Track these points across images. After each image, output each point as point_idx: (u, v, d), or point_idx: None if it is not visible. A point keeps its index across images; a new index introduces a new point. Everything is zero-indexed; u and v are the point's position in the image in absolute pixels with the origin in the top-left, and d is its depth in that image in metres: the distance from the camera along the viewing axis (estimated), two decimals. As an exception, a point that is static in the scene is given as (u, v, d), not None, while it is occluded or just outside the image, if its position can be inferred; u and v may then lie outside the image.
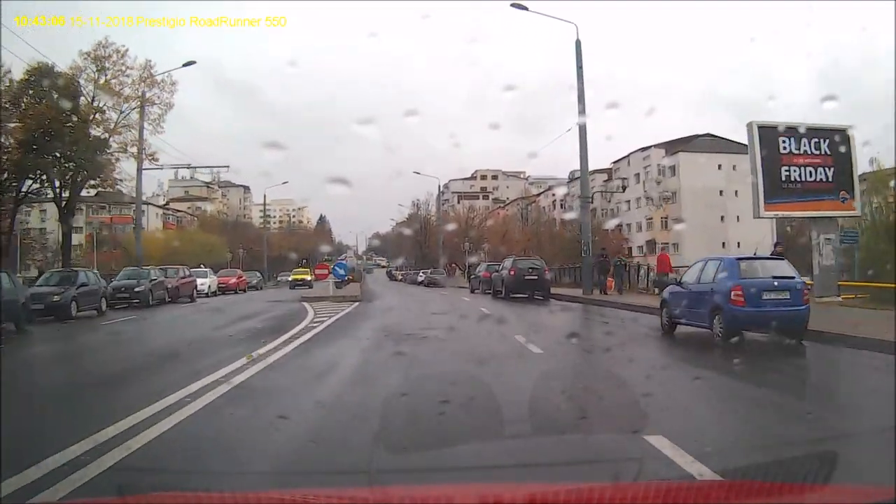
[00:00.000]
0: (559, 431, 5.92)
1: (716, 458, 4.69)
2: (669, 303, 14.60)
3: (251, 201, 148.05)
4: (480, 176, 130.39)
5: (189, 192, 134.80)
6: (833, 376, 10.18)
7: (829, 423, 6.48)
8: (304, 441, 5.83)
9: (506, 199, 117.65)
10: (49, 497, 4.24)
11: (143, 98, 32.05)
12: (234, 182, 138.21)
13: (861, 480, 3.64)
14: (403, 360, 10.75)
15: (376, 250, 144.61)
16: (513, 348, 11.98)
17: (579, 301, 26.55)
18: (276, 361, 10.48)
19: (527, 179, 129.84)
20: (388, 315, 21.60)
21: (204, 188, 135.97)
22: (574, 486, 2.65)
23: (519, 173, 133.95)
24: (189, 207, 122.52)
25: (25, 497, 4.27)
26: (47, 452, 5.04)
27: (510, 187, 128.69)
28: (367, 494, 3.26)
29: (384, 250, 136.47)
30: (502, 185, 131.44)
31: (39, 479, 4.59)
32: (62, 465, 4.86)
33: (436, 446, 5.49)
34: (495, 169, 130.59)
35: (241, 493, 3.25)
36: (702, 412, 7.12)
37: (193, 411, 6.83)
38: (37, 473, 4.67)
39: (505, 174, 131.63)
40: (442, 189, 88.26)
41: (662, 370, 9.98)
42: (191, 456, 5.60)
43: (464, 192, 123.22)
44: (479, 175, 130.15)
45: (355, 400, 7.62)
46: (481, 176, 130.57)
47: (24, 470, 4.67)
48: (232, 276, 44.40)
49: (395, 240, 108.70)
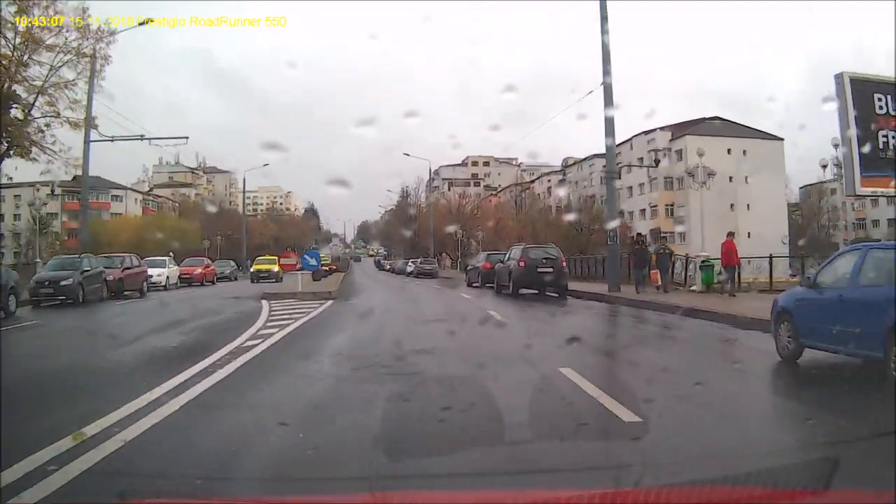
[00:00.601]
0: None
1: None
2: (797, 315, 9.33)
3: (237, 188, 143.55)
4: (472, 162, 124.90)
5: (173, 178, 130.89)
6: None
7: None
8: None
9: (498, 186, 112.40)
10: (50, 497, 4.03)
11: (94, 54, 26.32)
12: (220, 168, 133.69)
13: (861, 486, 3.20)
14: (372, 449, 5.14)
15: (365, 239, 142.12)
16: (578, 406, 6.56)
17: (607, 300, 21.03)
18: (114, 453, 4.95)
19: (519, 166, 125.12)
20: (365, 324, 15.86)
21: (189, 174, 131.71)
22: (575, 491, 2.63)
23: (511, 160, 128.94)
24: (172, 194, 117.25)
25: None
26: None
27: (502, 174, 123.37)
28: (368, 499, 3.28)
29: (373, 239, 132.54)
30: (494, 172, 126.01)
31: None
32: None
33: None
34: (487, 155, 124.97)
35: (242, 498, 3.33)
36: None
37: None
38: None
39: (497, 160, 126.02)
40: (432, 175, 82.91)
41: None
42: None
43: (455, 179, 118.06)
44: (470, 161, 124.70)
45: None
46: (472, 162, 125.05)
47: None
48: (197, 266, 38.52)
49: (384, 228, 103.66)
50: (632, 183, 73.64)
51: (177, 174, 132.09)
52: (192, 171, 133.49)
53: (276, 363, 9.63)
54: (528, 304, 20.95)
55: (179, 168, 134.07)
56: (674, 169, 69.22)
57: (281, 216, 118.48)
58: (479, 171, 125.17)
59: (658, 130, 69.84)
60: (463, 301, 23.24)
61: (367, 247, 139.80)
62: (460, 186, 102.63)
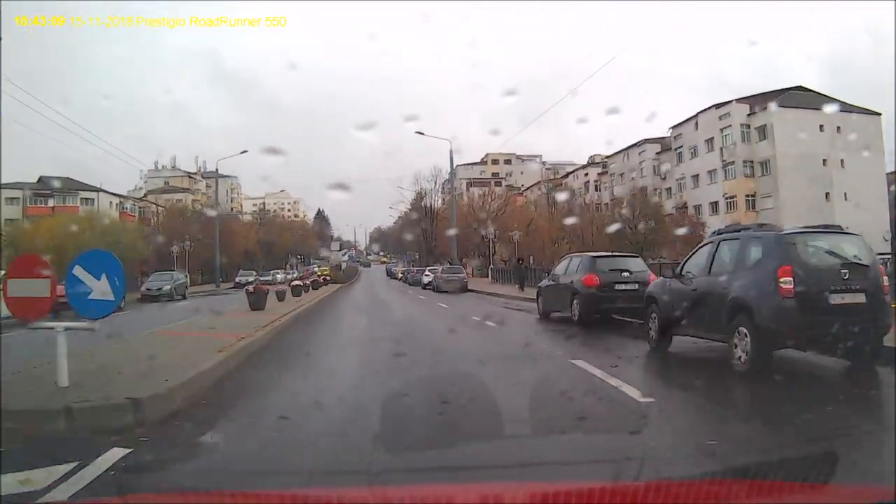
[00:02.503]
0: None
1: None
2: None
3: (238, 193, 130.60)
4: (492, 160, 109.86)
5: (169, 182, 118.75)
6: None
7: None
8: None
9: (521, 187, 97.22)
10: (51, 497, 3.92)
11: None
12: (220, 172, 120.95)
13: (861, 479, 3.37)
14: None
15: (378, 245, 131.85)
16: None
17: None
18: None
19: (544, 164, 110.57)
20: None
21: (186, 178, 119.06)
22: (575, 485, 2.56)
23: (535, 157, 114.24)
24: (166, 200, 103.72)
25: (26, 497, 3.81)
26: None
27: (524, 173, 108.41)
28: (367, 494, 3.10)
29: (385, 246, 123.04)
30: (516, 171, 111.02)
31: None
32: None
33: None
34: (508, 153, 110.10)
35: (241, 492, 2.97)
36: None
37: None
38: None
39: (520, 158, 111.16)
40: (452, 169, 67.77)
41: None
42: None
43: (473, 179, 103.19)
44: (490, 160, 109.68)
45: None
46: (492, 160, 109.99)
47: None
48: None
49: (397, 232, 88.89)
50: (698, 170, 57.97)
51: (173, 178, 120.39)
52: (190, 176, 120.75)
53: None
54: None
55: (176, 172, 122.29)
56: (754, 150, 53.69)
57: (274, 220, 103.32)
58: (500, 169, 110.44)
59: (734, 102, 54.25)
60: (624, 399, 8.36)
61: (380, 253, 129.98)
62: (480, 187, 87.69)
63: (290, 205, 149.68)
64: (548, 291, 16.93)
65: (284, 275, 56.95)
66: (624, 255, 18.37)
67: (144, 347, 9.70)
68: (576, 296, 14.91)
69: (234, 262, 60.34)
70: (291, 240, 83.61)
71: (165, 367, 7.51)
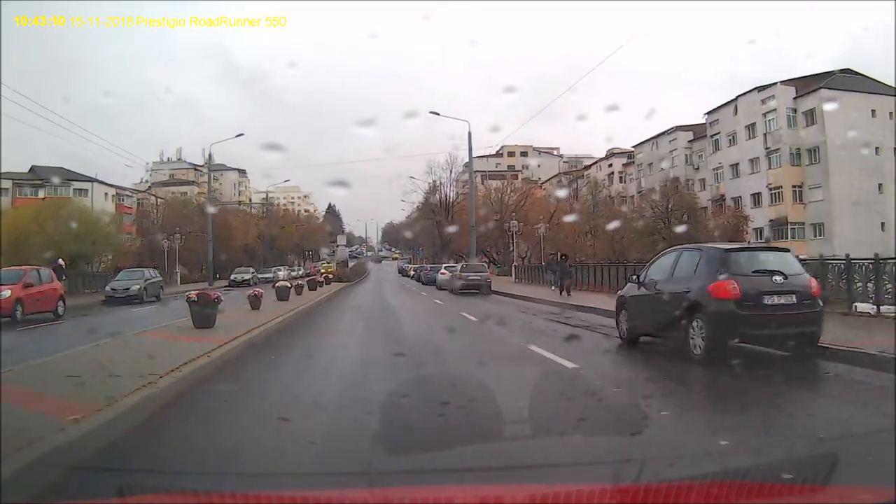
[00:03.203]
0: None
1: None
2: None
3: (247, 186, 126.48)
4: (508, 153, 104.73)
5: (174, 175, 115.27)
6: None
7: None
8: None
9: (538, 179, 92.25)
10: (50, 497, 3.89)
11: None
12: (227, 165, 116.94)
13: (861, 481, 3.19)
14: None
15: (390, 241, 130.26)
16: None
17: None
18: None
19: (561, 157, 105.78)
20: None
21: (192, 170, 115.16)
22: (574, 487, 2.56)
23: (552, 149, 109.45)
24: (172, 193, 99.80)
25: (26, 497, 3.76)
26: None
27: (541, 166, 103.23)
28: (367, 496, 3.03)
29: (397, 241, 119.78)
30: (533, 164, 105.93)
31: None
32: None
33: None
34: (525, 145, 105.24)
35: (241, 493, 2.84)
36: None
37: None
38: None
39: (537, 150, 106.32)
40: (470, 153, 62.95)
41: None
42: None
43: (489, 172, 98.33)
44: (506, 152, 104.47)
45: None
46: (508, 153, 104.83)
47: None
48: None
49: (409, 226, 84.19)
50: (737, 158, 52.77)
51: (178, 171, 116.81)
52: (196, 168, 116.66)
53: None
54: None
55: (181, 165, 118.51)
56: (801, 136, 48.52)
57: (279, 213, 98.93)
58: (517, 161, 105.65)
59: (778, 85, 49.00)
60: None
61: (392, 249, 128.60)
62: (495, 180, 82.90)
63: (299, 199, 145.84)
64: (638, 304, 11.37)
65: (288, 272, 52.46)
66: (768, 248, 13.53)
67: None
68: (697, 313, 9.50)
69: (235, 259, 55.80)
70: (297, 234, 78.98)
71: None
